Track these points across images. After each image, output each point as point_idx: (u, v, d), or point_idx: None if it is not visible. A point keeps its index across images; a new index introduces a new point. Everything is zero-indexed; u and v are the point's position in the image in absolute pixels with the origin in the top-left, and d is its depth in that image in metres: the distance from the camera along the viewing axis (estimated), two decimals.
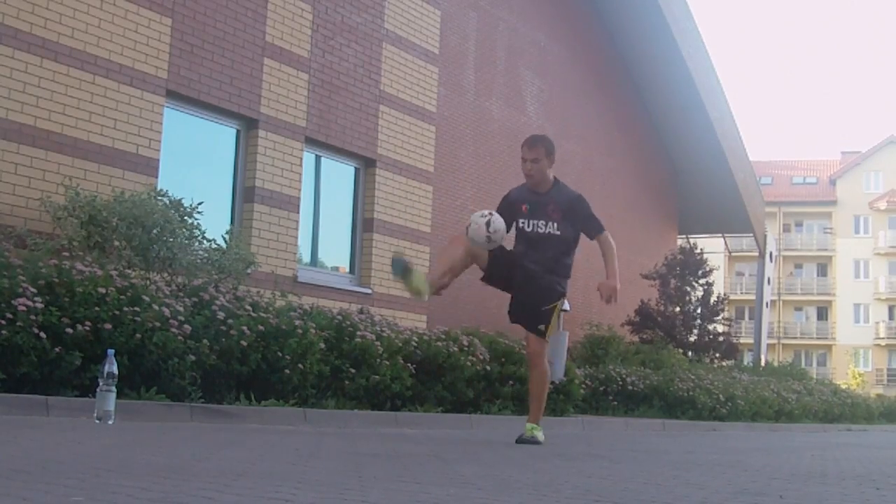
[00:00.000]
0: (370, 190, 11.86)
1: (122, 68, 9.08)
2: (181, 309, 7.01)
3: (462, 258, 6.14)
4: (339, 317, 8.64)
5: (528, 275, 6.22)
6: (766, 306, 25.57)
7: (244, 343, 7.28)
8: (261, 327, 7.50)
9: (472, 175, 16.20)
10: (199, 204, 8.52)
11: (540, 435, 6.29)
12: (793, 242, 58.95)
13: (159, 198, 8.37)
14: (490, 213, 6.00)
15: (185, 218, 8.29)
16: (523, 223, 6.24)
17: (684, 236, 23.91)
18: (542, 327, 6.21)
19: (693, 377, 15.13)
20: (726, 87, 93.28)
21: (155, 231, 7.96)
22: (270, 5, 10.68)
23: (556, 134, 18.51)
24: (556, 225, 6.18)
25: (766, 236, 25.16)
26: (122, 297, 6.62)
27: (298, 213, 10.89)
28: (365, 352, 8.37)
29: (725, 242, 30.55)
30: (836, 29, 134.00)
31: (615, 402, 13.96)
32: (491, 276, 6.29)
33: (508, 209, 6.27)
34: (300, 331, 7.76)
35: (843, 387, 27.60)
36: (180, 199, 8.41)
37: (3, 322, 5.98)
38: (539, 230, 6.19)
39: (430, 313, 12.42)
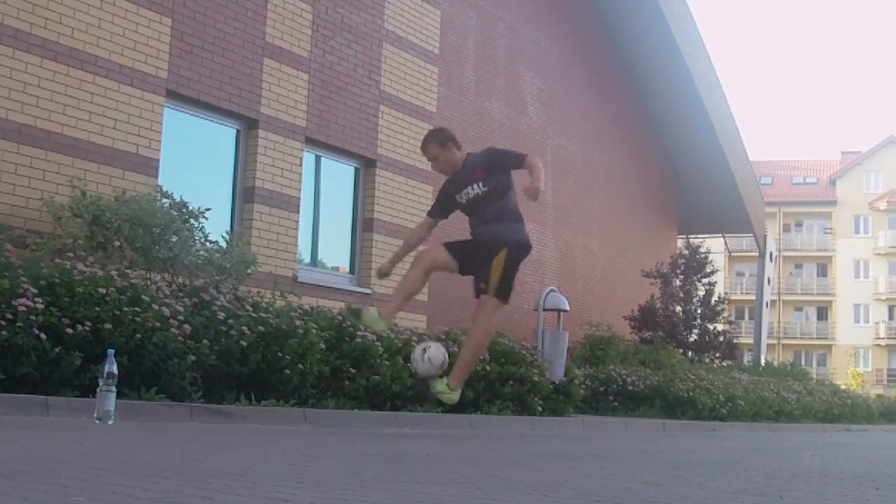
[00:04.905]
0: (370, 190, 11.87)
1: (122, 68, 9.08)
2: (181, 309, 7.01)
3: (421, 279, 6.54)
4: (340, 317, 8.64)
5: (482, 242, 6.49)
6: (766, 306, 25.55)
7: (244, 343, 7.28)
8: (261, 327, 7.49)
9: None
10: (207, 210, 8.53)
11: (446, 394, 6.44)
12: (793, 242, 58.94)
13: (164, 199, 8.37)
14: (424, 348, 6.50)
15: (190, 220, 8.29)
16: (458, 198, 6.64)
17: (684, 236, 23.89)
18: (482, 285, 6.46)
19: (693, 377, 15.12)
20: (726, 87, 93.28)
21: (157, 231, 7.96)
22: (270, 5, 10.68)
23: (556, 134, 18.53)
24: (480, 183, 6.54)
25: (766, 236, 25.15)
26: (122, 297, 6.62)
27: (298, 213, 10.89)
28: (365, 352, 8.37)
29: (725, 242, 30.54)
30: (836, 29, 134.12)
31: (615, 403, 13.95)
32: (466, 272, 6.65)
33: (445, 197, 6.81)
34: (300, 331, 7.76)
35: (843, 387, 27.58)
36: (187, 203, 8.41)
37: (4, 322, 5.98)
38: (470, 194, 6.57)
39: (430, 313, 12.41)
